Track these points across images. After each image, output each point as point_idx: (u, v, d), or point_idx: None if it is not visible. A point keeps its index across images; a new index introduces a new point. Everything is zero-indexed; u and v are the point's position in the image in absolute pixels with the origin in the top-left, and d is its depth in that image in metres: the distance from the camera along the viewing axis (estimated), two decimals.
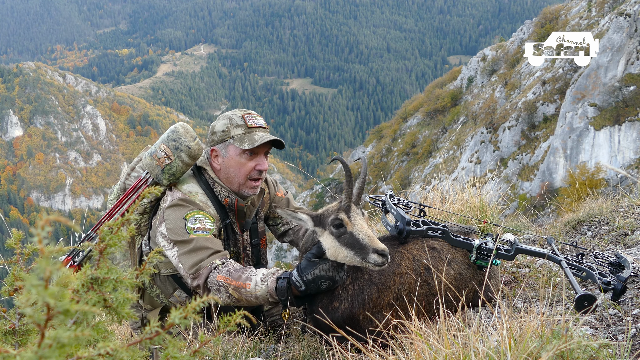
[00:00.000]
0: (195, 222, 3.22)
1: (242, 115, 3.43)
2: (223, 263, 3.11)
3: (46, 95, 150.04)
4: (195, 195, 3.38)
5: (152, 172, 3.42)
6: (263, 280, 2.96)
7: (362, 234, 2.74)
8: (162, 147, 3.40)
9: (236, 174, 3.43)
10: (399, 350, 2.22)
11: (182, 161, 3.38)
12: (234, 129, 3.39)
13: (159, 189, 1.78)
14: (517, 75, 51.69)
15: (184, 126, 3.50)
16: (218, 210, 3.44)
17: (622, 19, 36.33)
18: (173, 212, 3.28)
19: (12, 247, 1.78)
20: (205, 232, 3.21)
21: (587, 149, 36.73)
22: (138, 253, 3.66)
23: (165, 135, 3.46)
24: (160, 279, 3.57)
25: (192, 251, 3.14)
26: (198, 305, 1.34)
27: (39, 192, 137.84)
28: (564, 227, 4.76)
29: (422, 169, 52.91)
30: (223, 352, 2.87)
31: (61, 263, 3.41)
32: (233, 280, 2.99)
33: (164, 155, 3.37)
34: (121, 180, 3.67)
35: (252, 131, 3.37)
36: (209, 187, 3.48)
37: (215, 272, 3.05)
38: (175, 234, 3.19)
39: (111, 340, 1.48)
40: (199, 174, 3.55)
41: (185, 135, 3.41)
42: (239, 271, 3.04)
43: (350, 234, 2.77)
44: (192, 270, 3.10)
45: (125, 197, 3.50)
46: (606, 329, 2.58)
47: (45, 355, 0.95)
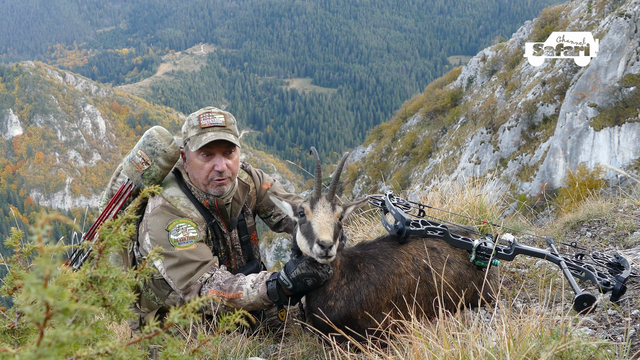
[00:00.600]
0: (177, 232, 3.20)
1: (199, 115, 3.36)
2: (211, 275, 3.11)
3: (46, 95, 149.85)
4: (177, 200, 3.36)
5: (132, 178, 3.42)
6: (254, 287, 2.99)
7: (316, 224, 2.73)
8: (139, 152, 3.39)
9: (198, 176, 3.41)
10: (398, 350, 2.22)
11: (159, 165, 3.37)
12: (191, 130, 3.36)
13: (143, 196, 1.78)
14: (517, 76, 51.67)
15: (158, 130, 3.48)
16: (202, 212, 3.42)
17: (622, 20, 36.32)
18: (155, 221, 3.26)
19: (12, 245, 1.78)
20: (189, 242, 3.19)
21: (587, 150, 36.71)
22: (130, 258, 3.66)
23: (141, 141, 3.45)
24: (154, 282, 3.56)
25: (179, 265, 3.13)
26: (197, 304, 1.34)
27: (39, 191, 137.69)
28: (563, 227, 4.76)
29: (421, 169, 52.88)
30: (222, 352, 2.87)
31: (62, 262, 3.41)
32: (225, 292, 3.01)
33: (142, 161, 3.36)
34: (108, 186, 3.68)
35: (204, 132, 3.29)
36: (188, 190, 3.47)
37: (206, 287, 3.07)
38: (159, 245, 3.16)
39: (110, 339, 1.48)
40: (178, 177, 3.53)
41: (160, 139, 3.39)
42: (228, 282, 3.05)
43: (308, 224, 2.78)
44: (182, 285, 3.11)
45: (113, 202, 3.50)
46: (605, 329, 2.58)
47: (44, 354, 0.95)
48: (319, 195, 2.84)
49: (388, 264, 2.93)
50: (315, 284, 2.88)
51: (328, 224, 2.74)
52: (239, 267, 3.71)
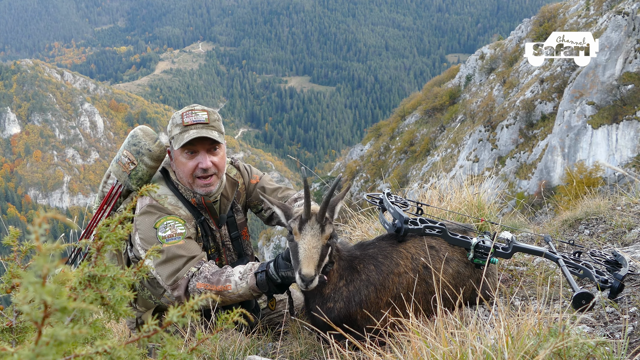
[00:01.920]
0: (165, 229, 3.21)
1: (182, 113, 3.37)
2: (198, 269, 3.11)
3: (44, 93, 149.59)
4: (164, 199, 3.37)
5: (120, 178, 3.44)
6: (242, 278, 2.99)
7: (302, 250, 2.70)
8: (125, 152, 3.41)
9: (183, 174, 3.41)
10: (397, 348, 2.23)
11: (145, 165, 3.39)
12: (174, 128, 3.37)
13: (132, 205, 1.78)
14: (515, 74, 51.69)
15: (143, 129, 3.50)
16: (190, 209, 3.42)
17: (621, 18, 36.34)
18: (143, 220, 3.27)
19: (9, 244, 1.78)
20: (177, 239, 3.19)
21: (585, 148, 36.74)
22: (125, 259, 3.67)
23: (126, 141, 3.46)
24: (149, 282, 3.57)
25: (167, 261, 3.13)
26: (196, 303, 1.34)
27: (37, 189, 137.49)
28: (561, 225, 4.76)
29: (420, 167, 52.87)
30: (221, 350, 2.87)
31: (60, 261, 3.42)
32: (213, 285, 3.01)
33: (128, 161, 3.38)
34: (100, 188, 3.69)
35: (187, 129, 3.30)
36: (175, 188, 3.47)
37: (193, 281, 3.06)
38: (147, 243, 3.20)
39: (109, 338, 1.48)
40: (166, 176, 3.54)
41: (144, 139, 3.41)
42: (215, 274, 3.05)
43: (295, 245, 2.76)
44: (169, 281, 3.11)
45: (104, 204, 3.51)
46: (603, 327, 2.58)
47: (42, 353, 0.95)
48: (308, 216, 2.76)
49: (387, 264, 2.93)
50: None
51: (314, 251, 2.69)
52: (230, 263, 3.72)
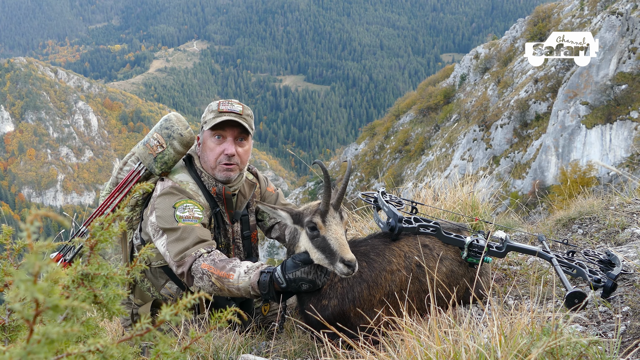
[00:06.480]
0: (184, 210, 3.24)
1: (219, 102, 3.46)
2: (209, 252, 3.12)
3: (38, 91, 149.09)
4: (186, 184, 3.41)
5: (145, 160, 3.46)
6: (247, 272, 2.97)
7: (334, 240, 2.74)
8: (155, 135, 3.46)
9: (208, 158, 3.46)
10: (390, 346, 2.23)
11: (174, 149, 3.44)
12: (209, 114, 3.45)
13: (150, 185, 1.78)
14: (509, 73, 51.87)
15: (176, 115, 3.58)
16: (208, 199, 3.46)
17: (614, 18, 36.51)
18: (163, 200, 3.29)
19: (2, 242, 1.77)
20: (193, 221, 3.22)
21: (579, 147, 36.91)
22: (129, 247, 3.67)
23: (159, 124, 3.52)
24: (151, 271, 3.57)
25: (179, 239, 3.14)
26: (189, 302, 1.34)
27: (30, 188, 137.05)
28: (555, 224, 4.78)
29: (414, 167, 53.01)
30: (214, 349, 2.86)
31: (51, 259, 3.39)
32: (217, 269, 3.00)
33: (157, 144, 3.43)
34: (113, 175, 3.69)
35: (221, 115, 3.38)
36: (198, 176, 3.51)
37: (199, 260, 3.07)
38: (164, 221, 3.21)
39: (101, 336, 1.48)
40: (189, 164, 3.59)
41: (177, 124, 3.47)
42: (223, 261, 3.05)
43: (323, 238, 2.77)
44: (177, 257, 3.11)
45: (117, 190, 3.51)
46: (596, 326, 2.59)
47: (34, 351, 0.95)
48: (327, 207, 2.81)
49: (380, 261, 2.94)
50: (309, 289, 2.90)
51: (344, 238, 2.76)
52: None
